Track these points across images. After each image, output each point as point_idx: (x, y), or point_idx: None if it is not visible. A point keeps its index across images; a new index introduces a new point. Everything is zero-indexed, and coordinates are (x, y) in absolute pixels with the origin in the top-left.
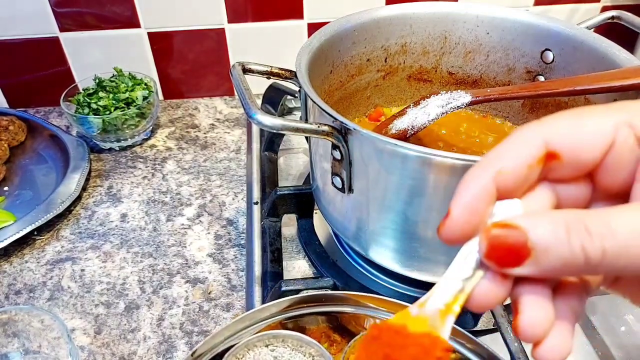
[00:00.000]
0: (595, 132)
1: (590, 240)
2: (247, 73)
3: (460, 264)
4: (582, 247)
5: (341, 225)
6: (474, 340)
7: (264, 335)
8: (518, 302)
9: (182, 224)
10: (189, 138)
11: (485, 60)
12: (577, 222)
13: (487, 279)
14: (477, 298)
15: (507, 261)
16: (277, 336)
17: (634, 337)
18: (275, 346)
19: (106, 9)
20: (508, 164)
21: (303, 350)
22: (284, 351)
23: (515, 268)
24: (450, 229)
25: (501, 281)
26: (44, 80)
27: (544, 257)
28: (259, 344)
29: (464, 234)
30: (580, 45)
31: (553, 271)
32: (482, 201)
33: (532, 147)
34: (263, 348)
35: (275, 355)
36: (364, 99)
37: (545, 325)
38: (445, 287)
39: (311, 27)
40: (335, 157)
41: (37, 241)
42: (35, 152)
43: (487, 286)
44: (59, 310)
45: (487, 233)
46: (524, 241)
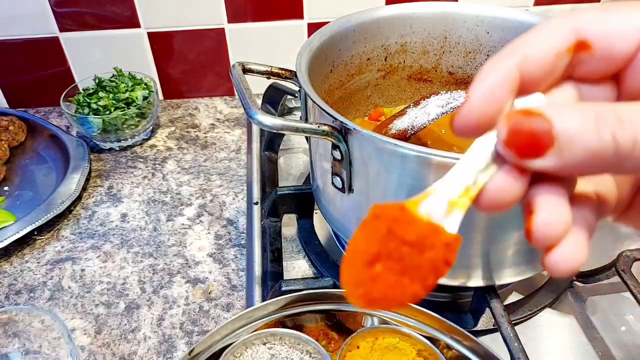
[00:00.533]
0: (630, 22)
1: (622, 128)
2: (247, 73)
3: (474, 156)
4: (612, 134)
5: (341, 225)
6: (471, 338)
7: (262, 334)
8: (533, 202)
9: (182, 224)
10: (189, 138)
11: (485, 60)
12: (608, 111)
13: (502, 172)
14: (489, 193)
15: (527, 151)
16: (275, 334)
17: (634, 337)
18: (273, 344)
19: (106, 9)
20: (535, 50)
21: (300, 348)
22: (281, 349)
23: (536, 160)
24: (466, 116)
25: (518, 176)
26: (44, 80)
27: (568, 147)
28: (256, 342)
29: (480, 124)
30: None
31: (577, 165)
32: (504, 88)
33: (562, 34)
34: (260, 346)
35: (273, 353)
36: (364, 98)
37: (561, 227)
38: (456, 177)
39: (311, 27)
40: (335, 157)
41: (37, 241)
42: (35, 152)
43: (502, 180)
44: (60, 311)
45: (509, 118)
46: (548, 129)
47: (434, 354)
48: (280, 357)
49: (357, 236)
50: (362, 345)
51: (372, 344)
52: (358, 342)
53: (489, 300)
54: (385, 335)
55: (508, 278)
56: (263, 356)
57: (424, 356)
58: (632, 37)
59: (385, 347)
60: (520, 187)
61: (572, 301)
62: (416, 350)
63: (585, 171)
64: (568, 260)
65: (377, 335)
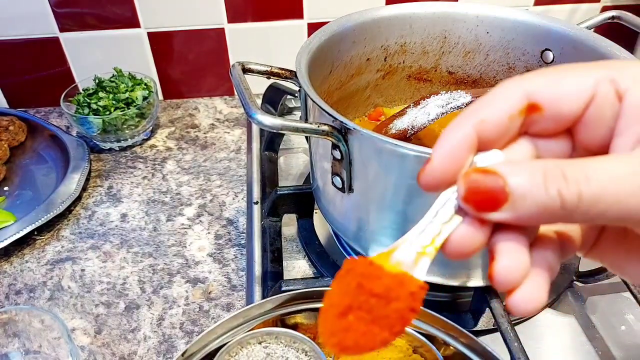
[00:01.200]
0: (577, 85)
1: (567, 185)
2: (247, 73)
3: (438, 209)
4: (558, 191)
5: (341, 225)
6: (468, 335)
7: (257, 333)
8: (494, 249)
9: (182, 224)
10: (189, 138)
11: (485, 59)
12: (554, 168)
13: (465, 223)
14: (454, 242)
15: (485, 205)
16: (271, 333)
17: (634, 337)
18: (269, 343)
19: (106, 9)
20: (490, 113)
21: (296, 347)
22: (277, 348)
23: (493, 213)
24: (430, 175)
25: (479, 227)
26: (44, 81)
27: (521, 202)
28: (252, 341)
29: (443, 180)
30: (580, 45)
31: (530, 217)
32: (463, 149)
33: (514, 98)
34: (256, 345)
35: (269, 352)
36: (364, 98)
37: (519, 272)
38: (421, 229)
39: (311, 27)
40: (335, 157)
41: (37, 241)
42: (35, 153)
43: (465, 231)
44: (59, 310)
45: (467, 177)
46: (502, 186)
47: (430, 351)
48: (276, 356)
49: (332, 289)
50: None
51: None
52: None
53: (489, 300)
54: None
55: None
56: (258, 355)
57: (420, 353)
58: (578, 98)
59: None
60: (481, 236)
61: (572, 301)
62: (412, 347)
63: (539, 222)
64: (527, 302)
65: None
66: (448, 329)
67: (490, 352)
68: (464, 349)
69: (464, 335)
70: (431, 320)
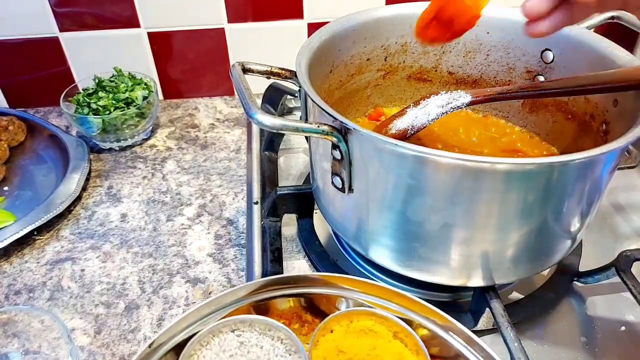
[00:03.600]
0: None
1: None
2: (247, 73)
3: None
4: None
5: (341, 225)
6: (443, 316)
7: (230, 321)
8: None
9: (182, 224)
10: (189, 138)
11: (485, 59)
12: None
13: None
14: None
15: None
16: (244, 321)
17: (634, 337)
18: (242, 331)
19: (106, 9)
20: None
21: (271, 335)
22: (251, 336)
23: None
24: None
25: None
26: (43, 80)
27: None
28: (224, 329)
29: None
30: (580, 45)
31: None
32: None
33: None
34: (229, 334)
35: (242, 341)
36: (364, 98)
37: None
38: None
39: (311, 27)
40: (335, 157)
41: (37, 241)
42: (35, 152)
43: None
44: (59, 311)
45: None
46: None
47: (409, 336)
48: (250, 344)
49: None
50: (336, 329)
51: (346, 328)
52: (332, 326)
53: (489, 300)
54: (360, 318)
55: (508, 278)
56: (232, 344)
57: (400, 338)
58: None
59: (360, 330)
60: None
61: (572, 301)
62: (392, 332)
63: None
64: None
65: (351, 318)
66: (423, 311)
67: (465, 332)
68: (439, 330)
69: (439, 316)
70: (407, 303)
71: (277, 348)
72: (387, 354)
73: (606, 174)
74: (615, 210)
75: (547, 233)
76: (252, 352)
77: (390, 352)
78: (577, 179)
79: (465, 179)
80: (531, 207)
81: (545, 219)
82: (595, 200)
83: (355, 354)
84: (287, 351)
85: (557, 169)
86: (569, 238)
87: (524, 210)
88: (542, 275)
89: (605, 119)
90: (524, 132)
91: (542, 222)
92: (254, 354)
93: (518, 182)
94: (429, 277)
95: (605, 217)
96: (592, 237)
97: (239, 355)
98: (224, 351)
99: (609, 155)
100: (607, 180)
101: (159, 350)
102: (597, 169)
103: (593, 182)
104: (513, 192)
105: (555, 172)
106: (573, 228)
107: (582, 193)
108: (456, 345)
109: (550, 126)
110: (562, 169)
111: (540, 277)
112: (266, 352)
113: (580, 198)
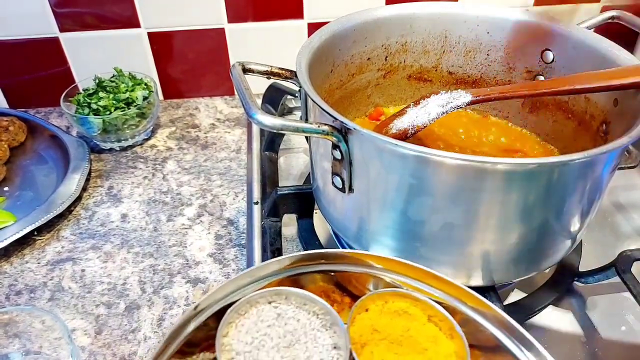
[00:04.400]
0: None
1: None
2: (247, 73)
3: None
4: None
5: (342, 225)
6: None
7: (266, 292)
8: None
9: (182, 224)
10: (190, 138)
11: (485, 59)
12: None
13: None
14: None
15: None
16: (280, 293)
17: (634, 337)
18: (279, 303)
19: (106, 9)
20: None
21: (307, 309)
22: (288, 308)
23: None
24: None
25: None
26: (44, 81)
27: None
28: (261, 300)
29: None
30: (580, 45)
31: None
32: None
33: None
34: (266, 305)
35: (279, 313)
36: (364, 98)
37: None
38: None
39: (311, 27)
40: (335, 157)
41: (37, 241)
42: (35, 153)
43: None
44: (60, 311)
45: None
46: None
47: (444, 320)
48: (287, 317)
49: None
50: (372, 308)
51: (381, 307)
52: (367, 305)
53: (489, 300)
54: (395, 299)
55: (508, 278)
56: (269, 315)
57: (434, 322)
58: None
59: (394, 311)
60: None
61: (572, 301)
62: (426, 315)
63: None
64: None
65: (386, 299)
66: (461, 295)
67: (502, 316)
68: (475, 314)
69: (477, 301)
70: (445, 286)
71: (313, 322)
72: (421, 336)
73: (606, 174)
74: (615, 210)
75: (548, 233)
76: (289, 324)
77: (425, 334)
78: (577, 179)
79: (466, 179)
80: (531, 207)
81: (546, 219)
82: (595, 200)
83: (389, 334)
84: (323, 326)
85: (557, 169)
86: (569, 238)
87: (524, 210)
88: (542, 275)
89: (605, 119)
90: (524, 132)
91: (542, 222)
92: (290, 326)
93: (518, 182)
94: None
95: (606, 217)
96: (592, 236)
97: (277, 327)
98: (261, 321)
99: (609, 155)
100: (608, 180)
101: (202, 314)
102: (597, 169)
103: (593, 182)
104: (513, 192)
105: (556, 172)
106: (573, 228)
107: (583, 193)
108: (495, 333)
109: (550, 126)
110: (562, 169)
111: (541, 276)
112: (302, 325)
113: (581, 198)
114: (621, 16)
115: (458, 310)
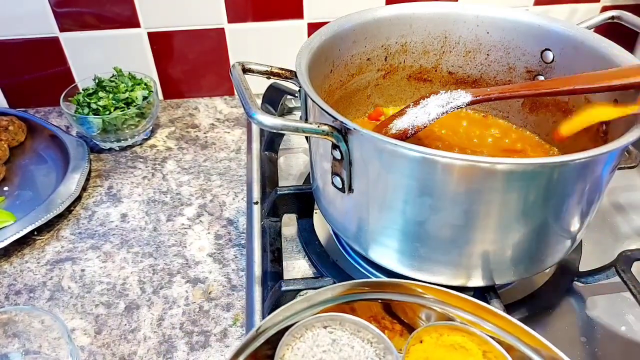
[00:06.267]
0: None
1: None
2: (247, 73)
3: None
4: None
5: (341, 225)
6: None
7: (321, 317)
8: None
9: (182, 224)
10: (189, 138)
11: (485, 59)
12: None
13: None
14: None
15: None
16: (334, 319)
17: (634, 337)
18: (334, 328)
19: (106, 9)
20: None
21: (361, 336)
22: (343, 335)
23: None
24: None
25: None
26: (43, 80)
27: None
28: (317, 324)
29: None
30: (580, 45)
31: None
32: None
33: None
34: (321, 329)
35: (334, 338)
36: (364, 98)
37: None
38: None
39: (311, 27)
40: (335, 157)
41: (37, 241)
42: (35, 152)
43: None
44: (59, 311)
45: None
46: None
47: (500, 357)
48: (342, 343)
49: None
50: (426, 340)
51: (436, 340)
52: (422, 336)
53: (489, 300)
54: (450, 333)
55: (508, 278)
56: (325, 340)
57: (489, 358)
58: None
59: (450, 344)
60: None
61: (572, 301)
62: (482, 351)
63: None
64: None
65: (441, 331)
66: (518, 332)
67: (561, 357)
68: (533, 353)
69: (535, 340)
70: (501, 322)
71: (367, 350)
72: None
73: (606, 174)
74: (615, 210)
75: (547, 233)
76: (344, 351)
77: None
78: (577, 179)
79: (466, 179)
80: (531, 207)
81: (545, 219)
82: (595, 200)
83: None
84: (377, 355)
85: (557, 169)
86: (569, 238)
87: (524, 210)
88: (542, 275)
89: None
90: (524, 132)
91: (542, 222)
92: (345, 352)
93: (518, 182)
94: (429, 277)
95: (606, 217)
96: (592, 236)
97: (332, 352)
98: (317, 345)
99: (609, 155)
100: (607, 180)
101: (261, 336)
102: (597, 169)
103: (593, 182)
104: (513, 192)
105: (555, 172)
106: (573, 228)
107: (582, 193)
108: None
109: (550, 126)
110: (562, 169)
111: (540, 276)
112: (357, 353)
113: (580, 198)
114: (621, 16)
115: (515, 348)
